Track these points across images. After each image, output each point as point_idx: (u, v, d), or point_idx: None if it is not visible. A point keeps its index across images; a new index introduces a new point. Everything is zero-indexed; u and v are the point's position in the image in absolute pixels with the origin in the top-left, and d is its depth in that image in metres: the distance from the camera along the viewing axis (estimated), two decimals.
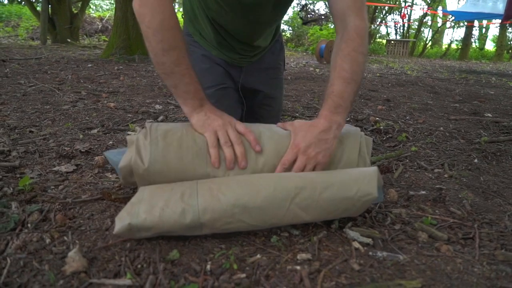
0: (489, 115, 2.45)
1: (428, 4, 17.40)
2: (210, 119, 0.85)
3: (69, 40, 7.23)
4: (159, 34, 0.82)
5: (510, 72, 7.80)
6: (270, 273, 0.70)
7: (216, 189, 0.76)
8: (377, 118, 2.12)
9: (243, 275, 0.68)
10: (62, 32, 7.40)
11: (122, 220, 0.71)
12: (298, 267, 0.71)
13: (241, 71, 1.28)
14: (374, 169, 0.85)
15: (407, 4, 17.11)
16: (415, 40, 16.13)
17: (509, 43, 17.44)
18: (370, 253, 0.78)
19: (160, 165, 0.79)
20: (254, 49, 1.25)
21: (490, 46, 21.09)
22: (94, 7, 19.40)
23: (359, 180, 0.81)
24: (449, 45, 18.39)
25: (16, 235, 0.76)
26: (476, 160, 1.48)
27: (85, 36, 9.39)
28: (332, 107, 0.89)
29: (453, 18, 9.91)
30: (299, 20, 14.95)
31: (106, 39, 8.85)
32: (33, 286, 0.61)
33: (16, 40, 7.80)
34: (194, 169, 0.80)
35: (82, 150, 1.29)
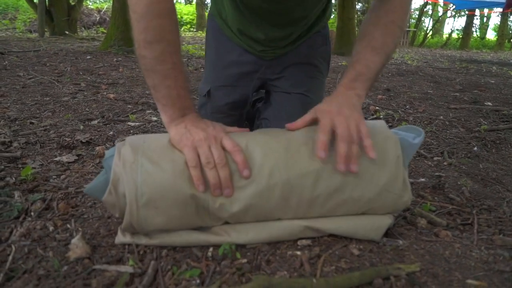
0: (489, 103, 2.45)
1: None
2: (190, 132, 0.70)
3: (67, 32, 7.18)
4: (143, 21, 0.69)
5: (511, 61, 7.77)
6: (270, 258, 0.71)
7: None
8: (377, 108, 2.12)
9: (244, 260, 0.69)
10: (60, 24, 7.35)
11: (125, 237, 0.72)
12: (298, 252, 0.72)
13: (261, 66, 1.06)
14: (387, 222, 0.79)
15: None
16: (415, 29, 16.01)
17: (510, 32, 17.32)
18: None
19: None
20: (284, 37, 1.01)
21: (491, 35, 20.97)
22: None
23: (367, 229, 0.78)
24: (450, 34, 18.27)
25: (20, 223, 0.77)
26: (475, 148, 1.48)
27: (83, 28, 9.33)
28: (353, 75, 0.79)
29: (454, 7, 9.84)
30: None
31: (104, 30, 8.79)
32: (38, 272, 0.62)
33: (14, 33, 7.76)
34: (176, 191, 0.67)
35: (83, 141, 1.30)
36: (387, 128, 0.80)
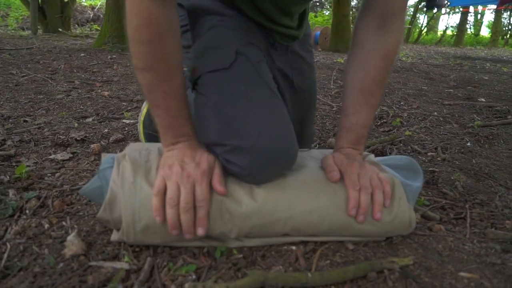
0: (483, 100, 2.47)
1: None
2: (170, 164, 0.67)
3: (60, 30, 7.12)
4: (132, 47, 0.66)
5: (504, 58, 7.82)
6: (266, 253, 0.71)
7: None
8: None
9: (240, 256, 0.70)
10: (53, 21, 7.28)
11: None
12: (293, 247, 0.73)
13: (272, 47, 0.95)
14: None
15: None
16: (410, 26, 16.06)
17: (504, 29, 17.43)
18: None
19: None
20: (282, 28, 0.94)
21: (485, 32, 21.09)
22: None
23: None
24: (445, 31, 18.35)
25: (15, 221, 0.76)
26: (469, 144, 1.50)
27: (76, 25, 9.25)
28: (355, 140, 0.80)
29: (448, 3, 9.87)
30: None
31: (98, 28, 8.73)
32: (33, 269, 0.62)
33: (6, 30, 7.68)
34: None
35: (78, 138, 1.29)
36: (388, 170, 0.80)
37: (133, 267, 0.65)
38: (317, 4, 16.80)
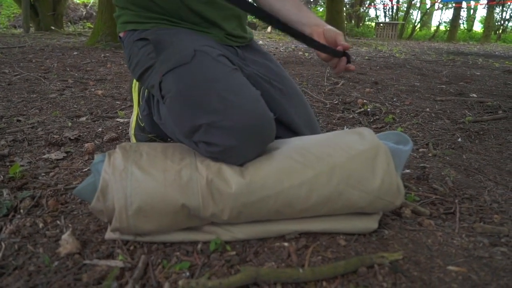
0: (474, 95, 2.49)
1: None
2: None
3: (53, 28, 7.06)
4: None
5: (496, 53, 7.88)
6: (259, 249, 0.72)
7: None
8: (364, 101, 2.15)
9: (233, 253, 0.71)
10: (45, 19, 7.22)
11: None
12: (286, 244, 0.74)
13: (236, 53, 1.01)
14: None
15: None
16: (404, 22, 16.12)
17: (496, 24, 17.54)
18: None
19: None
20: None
21: (478, 27, 21.22)
22: None
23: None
24: (438, 27, 18.43)
25: (9, 221, 0.77)
26: (459, 139, 1.52)
27: (69, 23, 9.17)
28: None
29: (440, 0, 9.91)
30: None
31: (91, 26, 8.66)
32: (28, 268, 0.63)
33: None
34: (167, 201, 0.67)
35: (72, 138, 1.29)
36: (375, 136, 0.81)
37: (128, 265, 0.66)
38: (311, 0, 16.79)
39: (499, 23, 17.80)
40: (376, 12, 19.10)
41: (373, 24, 16.11)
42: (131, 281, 0.61)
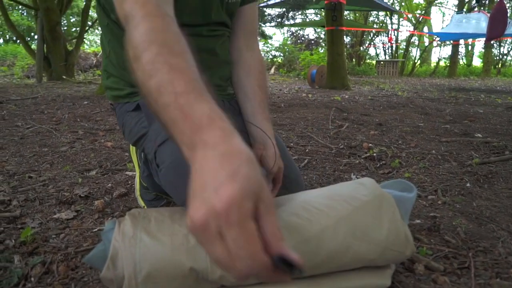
0: (479, 135, 2.51)
1: (414, 26, 17.95)
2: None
3: (64, 77, 7.35)
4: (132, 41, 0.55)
5: (498, 88, 7.98)
6: None
7: None
8: (370, 145, 2.17)
9: None
10: (57, 69, 7.53)
11: None
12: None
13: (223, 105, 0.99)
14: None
15: (393, 28, 17.63)
16: (404, 60, 16.53)
17: (495, 58, 17.90)
18: None
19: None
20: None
21: (477, 62, 21.62)
22: (88, 42, 19.83)
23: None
24: (438, 63, 18.83)
25: None
26: (468, 184, 1.51)
27: (80, 71, 9.55)
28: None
29: (438, 38, 10.23)
30: (289, 45, 15.32)
31: (101, 73, 8.99)
32: None
33: (12, 79, 7.92)
34: (175, 266, 0.67)
35: (82, 195, 1.31)
36: (377, 186, 0.83)
37: None
38: (312, 42, 17.39)
39: (497, 58, 18.17)
40: (376, 50, 19.65)
41: (374, 62, 16.53)
42: None
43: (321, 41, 17.04)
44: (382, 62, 14.83)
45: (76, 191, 1.34)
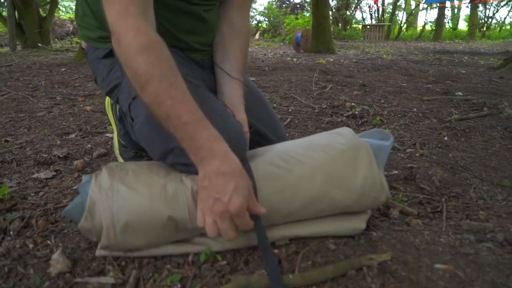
0: (460, 93, 2.54)
1: None
2: (210, 201, 0.65)
3: (40, 45, 7.03)
4: (128, 63, 0.66)
5: (481, 50, 8.02)
6: (249, 258, 0.73)
7: None
8: (352, 104, 2.17)
9: (224, 263, 0.71)
10: (32, 36, 7.19)
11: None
12: (276, 251, 0.75)
13: (202, 67, 0.98)
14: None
15: None
16: (390, 24, 16.34)
17: (480, 21, 17.85)
18: None
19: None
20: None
21: (463, 25, 21.56)
22: (64, 9, 18.88)
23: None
24: (424, 26, 18.69)
25: None
26: (446, 138, 1.54)
27: (56, 39, 9.15)
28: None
29: (424, 0, 10.08)
30: (274, 10, 14.93)
31: (79, 41, 8.64)
32: None
33: None
34: (153, 216, 0.68)
35: (60, 156, 1.29)
36: (355, 135, 0.83)
37: (119, 280, 0.66)
38: (298, 6, 16.96)
39: (483, 21, 18.13)
40: (362, 15, 19.34)
41: (360, 26, 16.30)
42: None
43: (306, 4, 16.63)
44: (368, 27, 14.65)
45: (54, 152, 1.32)
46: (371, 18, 18.49)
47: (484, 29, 17.70)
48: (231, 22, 0.96)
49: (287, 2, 16.96)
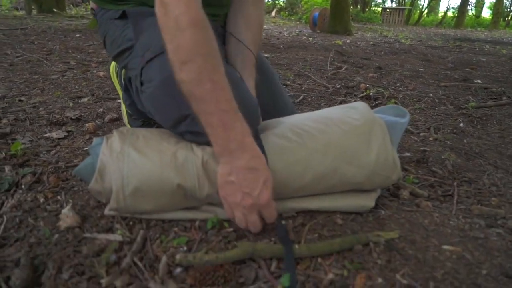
0: (479, 81, 2.47)
1: None
2: (234, 187, 0.66)
3: (55, 10, 7.00)
4: (174, 38, 0.65)
5: (504, 39, 7.75)
6: None
7: None
8: (367, 85, 2.13)
9: (230, 229, 0.72)
10: (47, 1, 7.15)
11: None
12: (283, 222, 0.75)
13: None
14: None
15: None
16: (411, 8, 15.85)
17: (506, 10, 17.20)
18: None
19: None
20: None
21: (486, 13, 20.81)
22: None
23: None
24: (445, 12, 18.10)
25: (11, 195, 0.78)
26: (461, 124, 1.51)
27: (71, 5, 9.09)
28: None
29: None
30: None
31: None
32: (29, 240, 0.64)
33: (0, 10, 7.55)
34: (163, 182, 0.68)
35: (73, 118, 1.30)
36: (370, 110, 0.81)
37: (126, 239, 0.67)
38: None
39: (508, 9, 17.46)
40: None
41: (379, 9, 15.85)
42: (129, 254, 0.62)
43: None
44: (388, 10, 14.23)
45: (67, 113, 1.33)
46: (392, 1, 17.94)
47: (509, 18, 17.07)
48: (246, 13, 0.94)
49: None
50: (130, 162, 0.68)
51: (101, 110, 1.43)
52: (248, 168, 0.65)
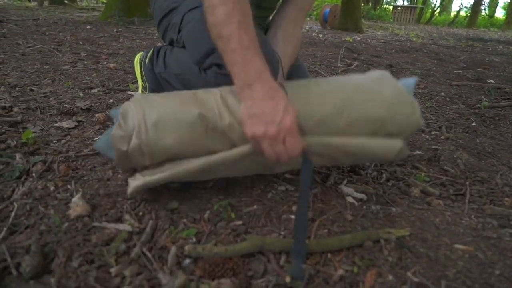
0: (492, 81, 2.43)
1: None
2: (261, 126, 0.67)
3: (66, 2, 7.04)
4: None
5: None
6: (265, 221, 0.73)
7: None
8: None
9: (240, 222, 0.71)
10: None
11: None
12: (292, 216, 0.74)
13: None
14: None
15: None
16: (423, 6, 15.65)
17: None
18: (364, 206, 0.81)
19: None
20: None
21: (500, 13, 20.47)
22: None
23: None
24: (458, 12, 17.84)
25: (22, 183, 0.78)
26: (474, 124, 1.49)
27: None
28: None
29: None
30: None
31: (104, 1, 8.60)
32: (39, 227, 0.65)
33: (12, 1, 7.60)
34: (184, 112, 0.71)
35: (83, 108, 1.30)
36: (382, 72, 0.87)
37: (136, 229, 0.67)
38: None
39: None
40: None
41: (391, 7, 15.67)
42: (138, 244, 0.62)
43: None
44: (399, 8, 14.07)
45: (77, 104, 1.33)
46: None
47: None
48: (286, 32, 0.99)
49: None
50: (152, 100, 0.73)
51: (111, 101, 1.43)
52: (267, 97, 0.68)
